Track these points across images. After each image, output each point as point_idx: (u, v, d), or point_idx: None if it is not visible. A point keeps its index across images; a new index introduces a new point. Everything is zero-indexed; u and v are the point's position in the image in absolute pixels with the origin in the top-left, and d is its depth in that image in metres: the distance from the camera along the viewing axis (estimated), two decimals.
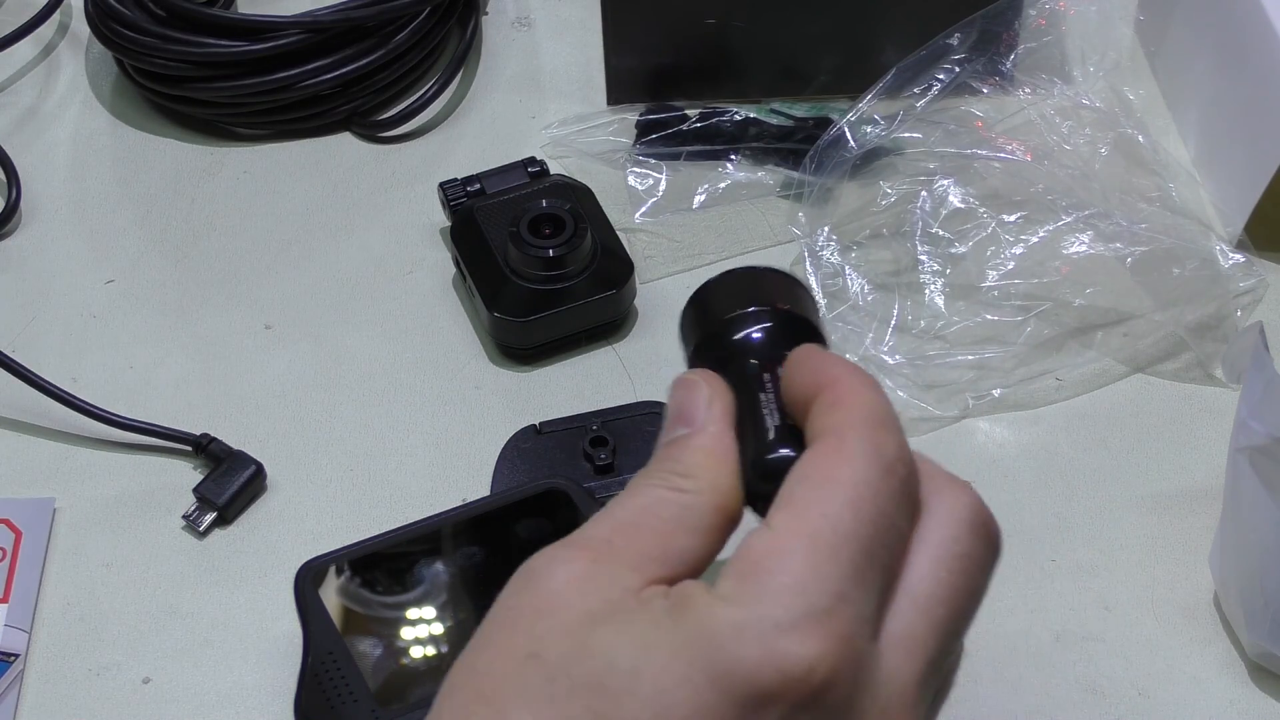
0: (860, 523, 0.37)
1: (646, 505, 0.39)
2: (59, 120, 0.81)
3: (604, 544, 0.38)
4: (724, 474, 0.40)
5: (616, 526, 0.39)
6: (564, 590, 0.37)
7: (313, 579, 0.56)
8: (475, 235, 0.69)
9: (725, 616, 0.35)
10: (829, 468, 0.38)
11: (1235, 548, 0.57)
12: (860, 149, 0.72)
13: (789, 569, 0.36)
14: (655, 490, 0.40)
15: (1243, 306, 0.68)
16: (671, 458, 0.41)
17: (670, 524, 0.39)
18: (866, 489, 0.37)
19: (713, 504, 0.40)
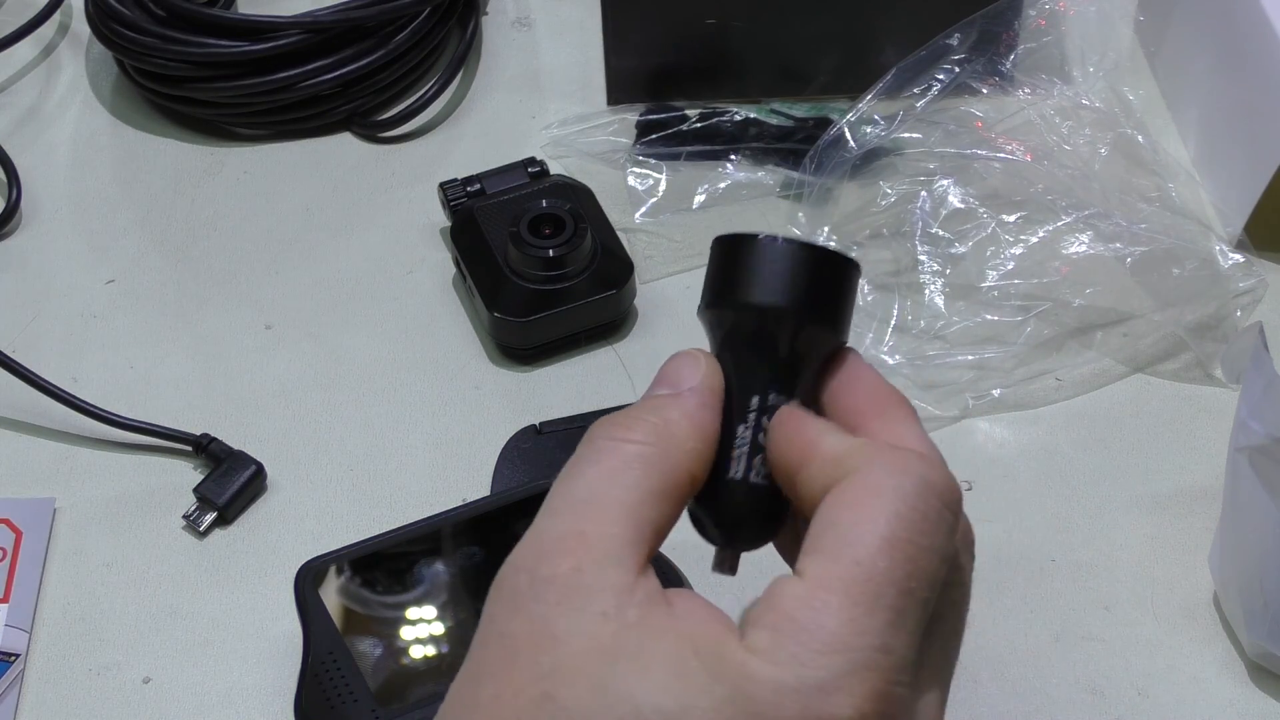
0: (896, 564, 0.35)
1: (609, 471, 0.38)
2: (59, 120, 0.81)
3: (577, 539, 0.37)
4: (694, 437, 0.39)
5: (582, 509, 0.37)
6: (557, 614, 0.36)
7: (313, 579, 0.56)
8: (475, 235, 0.69)
9: (765, 676, 0.34)
10: (860, 507, 0.36)
11: (1235, 548, 0.57)
12: (860, 149, 0.72)
13: (826, 625, 0.34)
14: (617, 445, 0.38)
15: (1242, 306, 0.68)
16: (642, 406, 0.39)
17: (634, 491, 0.37)
18: (902, 523, 0.35)
19: (677, 463, 0.38)
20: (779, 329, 0.40)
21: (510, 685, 0.35)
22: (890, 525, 0.35)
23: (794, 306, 0.39)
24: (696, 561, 0.61)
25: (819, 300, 0.40)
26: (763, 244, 0.40)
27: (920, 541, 0.36)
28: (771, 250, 0.40)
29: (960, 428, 0.65)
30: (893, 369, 0.66)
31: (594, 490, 0.37)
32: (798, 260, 0.39)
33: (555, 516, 0.37)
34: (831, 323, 0.40)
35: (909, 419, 0.39)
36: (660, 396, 0.40)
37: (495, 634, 0.36)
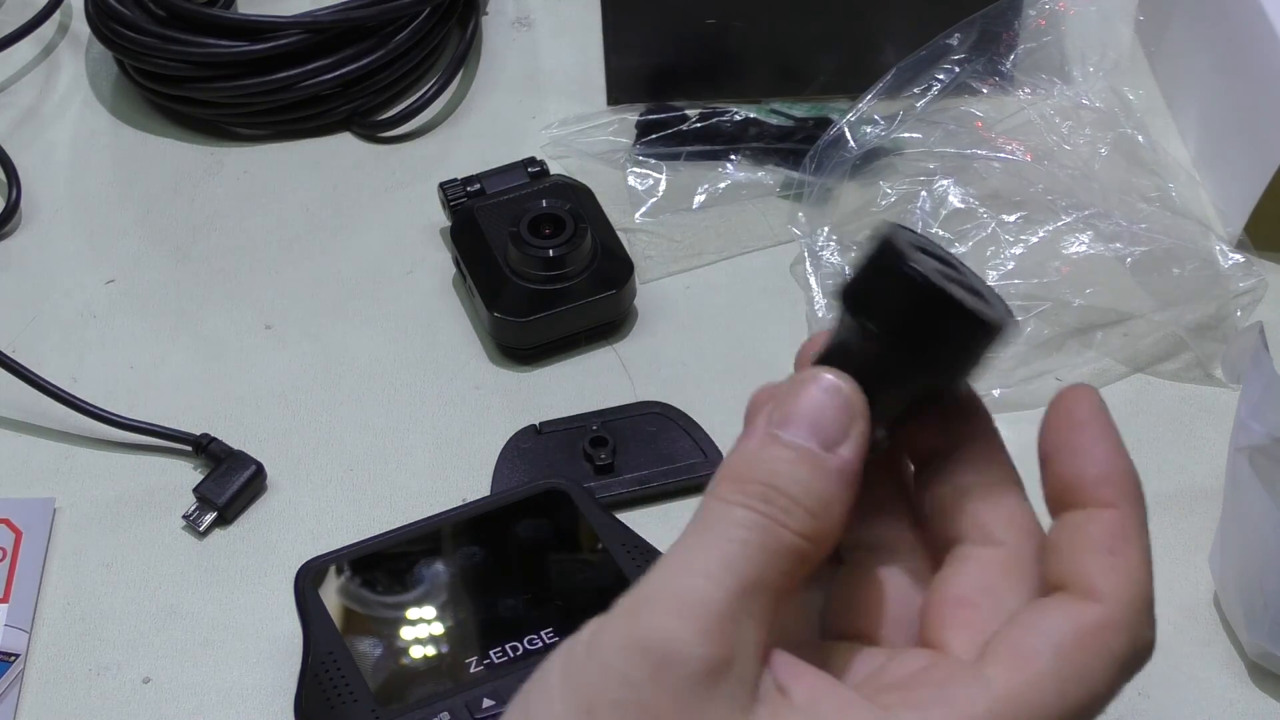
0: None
1: (772, 553, 0.33)
2: (59, 120, 0.81)
3: (734, 626, 0.33)
4: (841, 528, 0.35)
5: (742, 591, 0.33)
6: (701, 698, 0.32)
7: (313, 579, 0.56)
8: (475, 235, 0.69)
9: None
10: (1086, 660, 0.34)
11: (1235, 548, 0.57)
12: (860, 149, 0.72)
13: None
14: (772, 528, 0.33)
15: (1243, 306, 0.68)
16: (798, 480, 0.34)
17: (789, 579, 0.34)
18: (1108, 693, 0.34)
19: (818, 557, 0.35)
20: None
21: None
22: (1097, 698, 0.34)
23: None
24: None
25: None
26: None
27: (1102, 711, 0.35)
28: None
29: None
30: None
31: (759, 570, 0.33)
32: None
33: (713, 583, 0.33)
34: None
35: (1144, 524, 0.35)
36: (813, 462, 0.34)
37: (634, 703, 0.32)
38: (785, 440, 0.34)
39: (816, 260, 0.70)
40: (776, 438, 0.34)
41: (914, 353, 0.35)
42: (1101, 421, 0.36)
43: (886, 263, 0.35)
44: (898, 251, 0.35)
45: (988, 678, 0.33)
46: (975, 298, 0.35)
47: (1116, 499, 0.35)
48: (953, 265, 0.36)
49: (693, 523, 0.34)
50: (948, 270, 0.36)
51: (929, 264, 0.35)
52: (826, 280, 0.69)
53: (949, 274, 0.35)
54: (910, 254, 0.35)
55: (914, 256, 0.35)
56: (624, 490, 0.63)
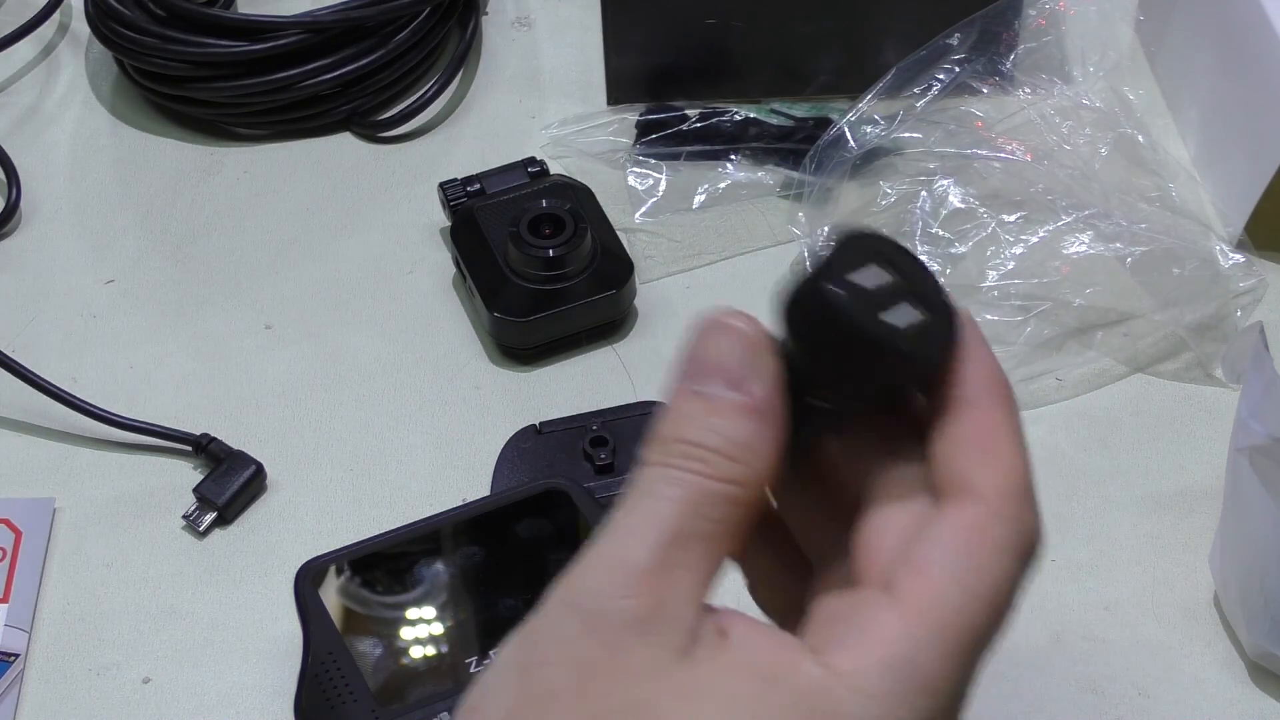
0: (992, 624, 0.34)
1: (695, 506, 0.35)
2: (59, 120, 0.81)
3: (661, 575, 0.34)
4: (771, 466, 0.36)
5: (668, 544, 0.34)
6: (635, 645, 0.34)
7: (313, 579, 0.56)
8: (475, 235, 0.69)
9: (851, 707, 0.33)
10: (977, 554, 0.34)
11: (1235, 548, 0.57)
12: (860, 149, 0.72)
13: (923, 666, 0.33)
14: (700, 481, 0.35)
15: (1243, 306, 0.68)
16: (711, 427, 0.35)
17: (719, 526, 0.35)
18: (1006, 587, 0.35)
19: (756, 501, 0.36)
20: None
21: (584, 713, 0.34)
22: (998, 590, 0.34)
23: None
24: None
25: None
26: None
27: (1010, 604, 0.35)
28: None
29: None
30: None
31: (680, 522, 0.35)
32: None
33: (638, 541, 0.35)
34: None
35: (1017, 420, 0.36)
36: (727, 408, 0.35)
37: (568, 656, 0.34)
38: (695, 391, 0.36)
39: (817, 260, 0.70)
40: (687, 391, 0.36)
41: (828, 376, 0.36)
42: (976, 335, 0.37)
43: (812, 279, 0.36)
44: (826, 268, 0.35)
45: (895, 599, 0.34)
46: (915, 313, 0.35)
47: (978, 398, 0.36)
48: (904, 272, 0.36)
49: (627, 493, 0.36)
50: (892, 281, 0.36)
51: (870, 277, 0.35)
52: None
53: (891, 286, 0.35)
54: (841, 270, 0.35)
55: (843, 274, 0.35)
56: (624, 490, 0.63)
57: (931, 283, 0.36)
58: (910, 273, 0.36)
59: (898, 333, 0.35)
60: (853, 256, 0.36)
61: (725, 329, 0.36)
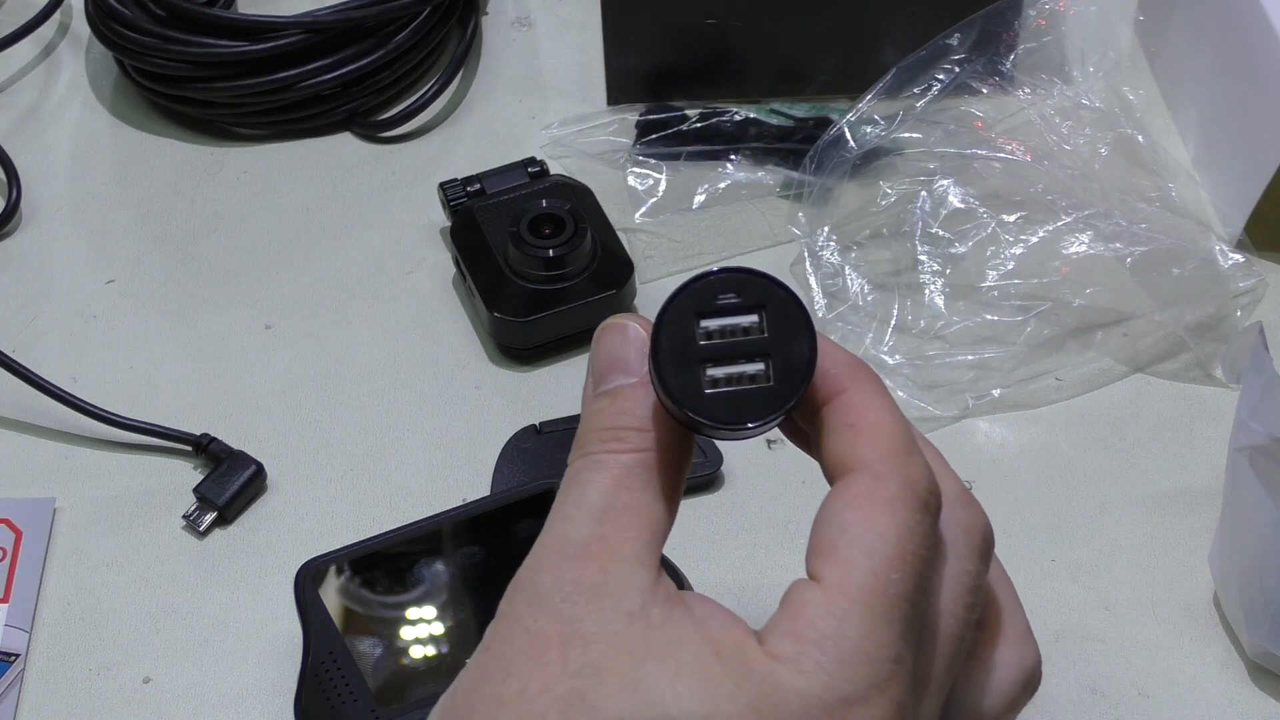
0: (907, 576, 0.36)
1: (617, 479, 0.38)
2: (59, 120, 0.81)
3: (599, 544, 0.37)
4: (671, 430, 0.39)
5: (600, 516, 0.38)
6: (587, 614, 0.36)
7: (313, 579, 0.56)
8: (475, 235, 0.69)
9: (791, 685, 0.35)
10: (870, 516, 0.37)
11: (1235, 548, 0.57)
12: (860, 149, 0.72)
13: (850, 635, 0.35)
14: (617, 457, 0.39)
15: (1242, 306, 0.68)
16: (620, 410, 0.39)
17: (644, 495, 0.38)
18: (909, 538, 0.36)
19: (672, 458, 0.39)
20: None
21: (538, 681, 0.36)
22: (902, 541, 0.36)
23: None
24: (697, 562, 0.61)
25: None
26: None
27: (924, 555, 0.37)
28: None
29: (960, 428, 0.65)
30: (893, 369, 0.66)
31: (607, 497, 0.38)
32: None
33: (573, 522, 0.38)
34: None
35: (879, 390, 0.39)
36: (625, 391, 0.39)
37: (522, 630, 0.37)
38: (600, 393, 0.40)
39: (816, 260, 0.70)
40: (594, 396, 0.40)
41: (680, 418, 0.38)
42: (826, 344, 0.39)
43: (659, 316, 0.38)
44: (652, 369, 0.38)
45: (818, 582, 0.36)
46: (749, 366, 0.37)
47: (842, 384, 0.38)
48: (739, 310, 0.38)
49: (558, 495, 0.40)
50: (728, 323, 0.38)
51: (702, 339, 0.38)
52: (827, 280, 0.69)
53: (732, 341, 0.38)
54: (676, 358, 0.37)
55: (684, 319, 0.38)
56: None
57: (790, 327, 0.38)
58: (747, 300, 0.38)
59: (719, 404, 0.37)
60: (682, 324, 0.38)
61: (610, 330, 0.41)
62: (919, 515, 0.37)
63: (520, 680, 0.36)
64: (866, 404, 0.38)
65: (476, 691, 0.37)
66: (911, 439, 0.38)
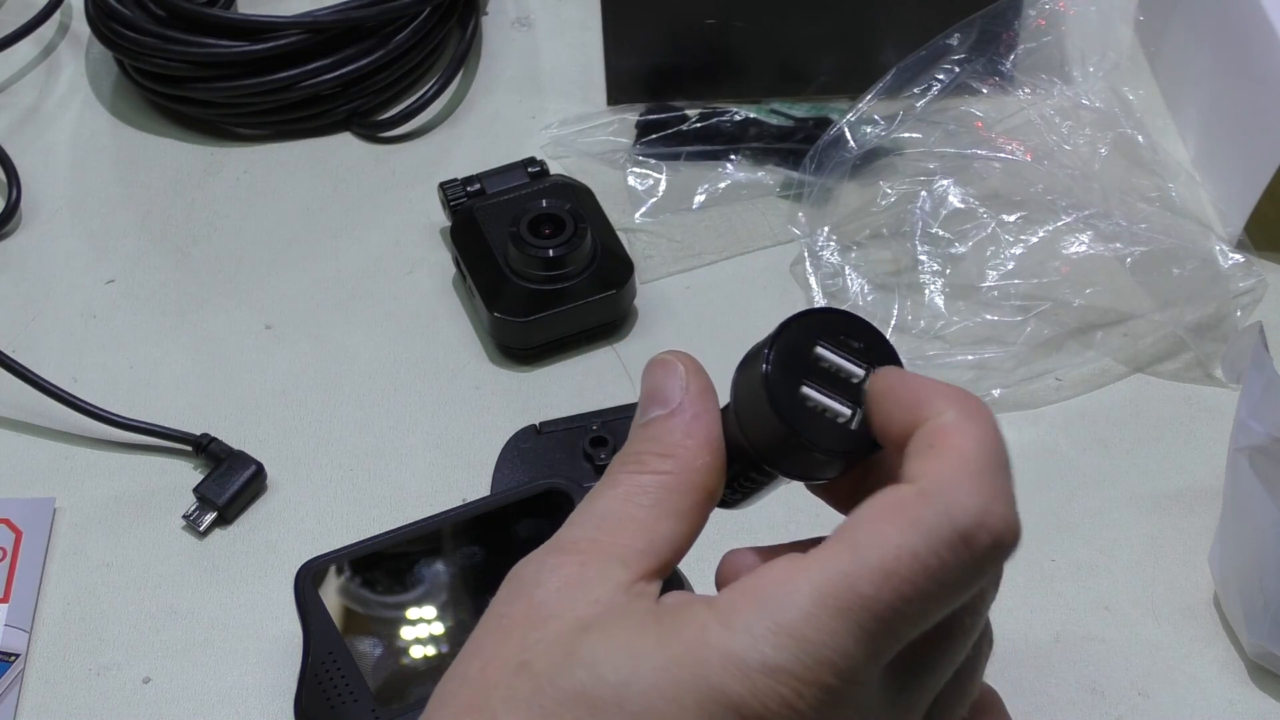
0: (884, 594, 0.34)
1: (627, 494, 0.39)
2: (59, 120, 0.81)
3: (590, 544, 0.38)
4: (703, 452, 0.40)
5: (599, 522, 0.39)
6: (554, 598, 0.37)
7: (313, 579, 0.56)
8: (475, 235, 0.69)
9: (717, 642, 0.35)
10: (882, 524, 0.35)
11: (1235, 548, 0.57)
12: (860, 149, 0.72)
13: (787, 610, 0.34)
14: (634, 477, 0.39)
15: (1242, 306, 0.68)
16: (648, 438, 0.40)
17: (652, 511, 0.39)
18: (911, 561, 0.34)
19: (692, 483, 0.39)
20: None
21: (497, 658, 0.37)
22: (899, 560, 0.35)
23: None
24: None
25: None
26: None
27: (922, 586, 0.35)
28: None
29: None
30: None
31: (612, 508, 0.39)
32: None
33: (573, 526, 0.39)
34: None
35: (981, 420, 0.37)
36: (658, 421, 0.40)
37: (495, 615, 0.38)
38: (639, 424, 0.41)
39: (816, 260, 0.70)
40: (635, 428, 0.41)
41: (759, 455, 0.39)
42: (912, 376, 0.39)
43: (757, 364, 0.39)
44: (764, 355, 0.39)
45: (796, 560, 0.36)
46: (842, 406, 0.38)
47: (938, 409, 0.37)
48: (855, 356, 0.39)
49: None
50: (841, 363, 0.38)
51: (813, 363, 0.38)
52: (827, 280, 0.69)
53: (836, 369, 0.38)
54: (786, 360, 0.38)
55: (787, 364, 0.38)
56: None
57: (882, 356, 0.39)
58: (864, 355, 0.39)
59: (818, 439, 0.38)
60: (803, 337, 0.39)
61: (655, 364, 0.41)
62: (939, 546, 0.35)
63: (483, 659, 0.37)
64: (957, 429, 0.36)
65: (450, 673, 0.38)
66: (991, 473, 0.36)
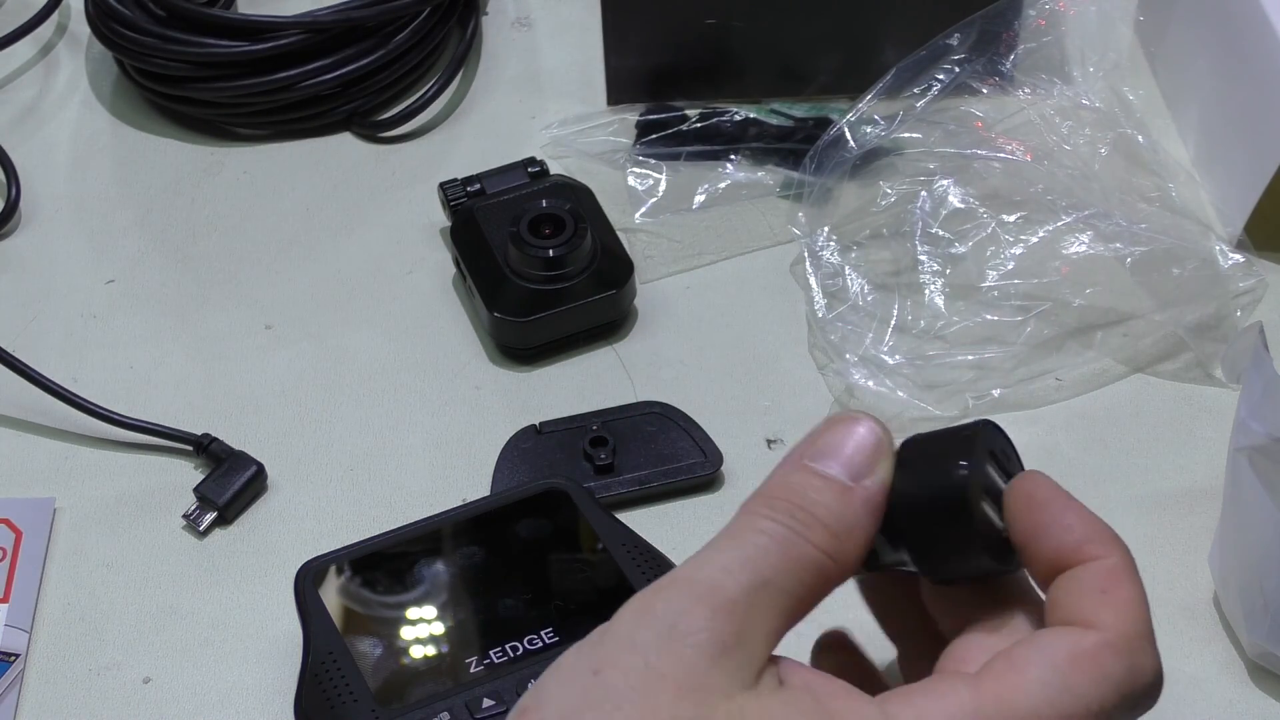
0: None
1: (789, 565, 0.37)
2: (59, 120, 0.81)
3: (747, 611, 0.36)
4: (864, 545, 0.38)
5: (758, 586, 0.36)
6: (709, 670, 0.35)
7: (313, 579, 0.56)
8: (475, 235, 0.69)
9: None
10: (1077, 674, 0.35)
11: (1235, 548, 0.57)
12: (860, 149, 0.72)
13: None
14: (802, 546, 0.37)
15: (1242, 306, 0.68)
16: (826, 506, 0.37)
17: (804, 590, 0.37)
18: (1099, 716, 0.35)
19: (838, 579, 0.38)
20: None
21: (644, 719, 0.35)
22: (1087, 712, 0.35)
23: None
24: None
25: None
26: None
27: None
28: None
29: None
30: (893, 369, 0.66)
31: (773, 572, 0.36)
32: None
33: (731, 576, 0.36)
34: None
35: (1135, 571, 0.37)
36: (838, 487, 0.38)
37: (641, 663, 0.35)
38: (815, 469, 0.38)
39: (816, 260, 0.70)
40: (808, 467, 0.38)
41: (919, 555, 0.39)
42: (1064, 495, 0.38)
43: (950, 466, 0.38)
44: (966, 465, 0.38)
45: (979, 680, 0.35)
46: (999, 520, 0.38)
47: (1103, 551, 0.37)
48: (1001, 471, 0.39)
49: (722, 531, 0.38)
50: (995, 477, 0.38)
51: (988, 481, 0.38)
52: (827, 280, 0.69)
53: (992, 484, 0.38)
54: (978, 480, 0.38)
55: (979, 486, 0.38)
56: (624, 490, 0.63)
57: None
58: (1004, 464, 0.39)
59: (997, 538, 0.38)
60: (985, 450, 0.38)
61: (856, 423, 0.38)
62: (1122, 703, 0.35)
63: (626, 716, 0.35)
64: (1126, 580, 0.37)
65: (581, 715, 0.35)
66: (1153, 636, 0.37)
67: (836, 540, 0.37)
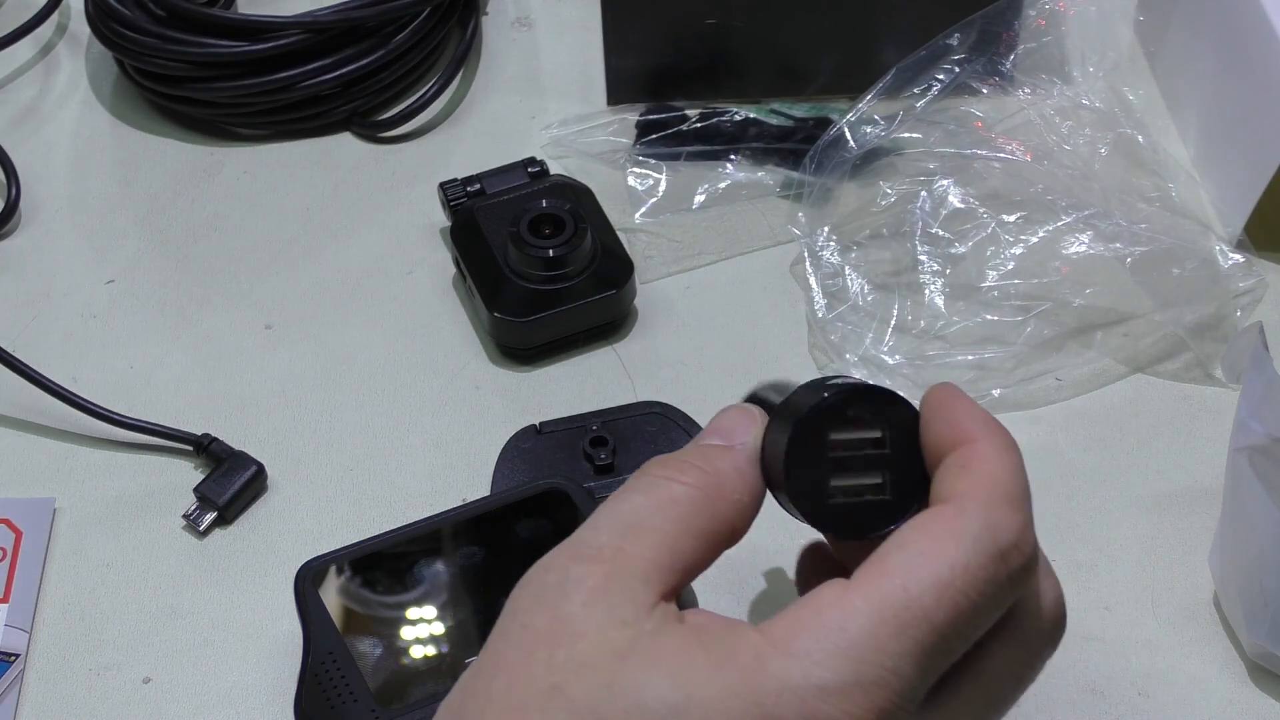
0: (942, 608, 0.35)
1: (657, 504, 0.39)
2: (59, 120, 0.81)
3: (615, 553, 0.38)
4: (742, 489, 0.40)
5: (625, 529, 0.38)
6: (581, 614, 0.37)
7: (313, 579, 0.56)
8: (475, 235, 0.69)
9: (774, 669, 0.35)
10: (932, 541, 0.36)
11: (1235, 548, 0.57)
12: (860, 149, 0.72)
13: (848, 630, 0.35)
14: (667, 484, 0.39)
15: (1242, 306, 0.68)
16: (695, 453, 0.40)
17: (678, 525, 0.38)
18: (963, 574, 0.36)
19: (721, 511, 0.39)
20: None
21: (524, 677, 0.36)
22: (953, 572, 0.36)
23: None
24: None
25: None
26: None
27: (973, 599, 0.36)
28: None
29: None
30: (893, 369, 0.66)
31: (639, 515, 0.39)
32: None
33: (598, 530, 0.39)
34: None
35: (1009, 449, 0.39)
36: (712, 447, 0.41)
37: (518, 626, 0.38)
38: (697, 443, 0.42)
39: (816, 260, 0.70)
40: (692, 446, 0.42)
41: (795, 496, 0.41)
42: (959, 396, 0.40)
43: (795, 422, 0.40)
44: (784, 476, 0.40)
45: (848, 585, 0.36)
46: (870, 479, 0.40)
47: (975, 436, 0.39)
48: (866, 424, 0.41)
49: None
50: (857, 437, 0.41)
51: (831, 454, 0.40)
52: (827, 280, 0.69)
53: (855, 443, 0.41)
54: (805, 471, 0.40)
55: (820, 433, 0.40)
56: None
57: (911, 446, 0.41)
58: (895, 436, 0.41)
59: (838, 513, 0.41)
60: (814, 437, 0.41)
61: (732, 409, 0.42)
62: (986, 560, 0.36)
63: (508, 675, 0.37)
64: (989, 455, 0.38)
65: (470, 687, 0.37)
66: (1022, 499, 0.38)
67: (706, 474, 0.39)
